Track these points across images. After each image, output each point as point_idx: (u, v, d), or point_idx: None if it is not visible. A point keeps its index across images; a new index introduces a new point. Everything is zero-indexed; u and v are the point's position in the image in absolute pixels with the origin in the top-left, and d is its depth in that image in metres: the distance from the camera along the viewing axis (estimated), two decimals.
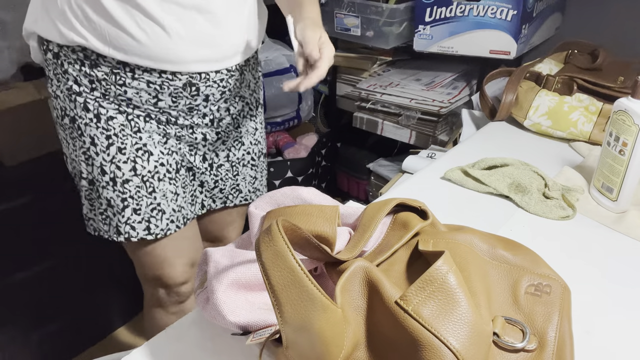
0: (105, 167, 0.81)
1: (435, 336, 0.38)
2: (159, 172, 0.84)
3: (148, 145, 0.82)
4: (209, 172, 0.94)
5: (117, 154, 0.80)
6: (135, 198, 0.83)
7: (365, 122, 1.55)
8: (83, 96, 0.78)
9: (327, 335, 0.38)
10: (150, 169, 0.83)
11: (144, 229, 0.85)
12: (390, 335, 0.41)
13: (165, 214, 0.87)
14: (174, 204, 0.88)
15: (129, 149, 0.81)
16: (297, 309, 0.37)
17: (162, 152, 0.84)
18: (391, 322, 0.40)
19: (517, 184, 0.77)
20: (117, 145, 0.80)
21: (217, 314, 0.48)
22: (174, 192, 0.87)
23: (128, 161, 0.81)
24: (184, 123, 0.85)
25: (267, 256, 0.38)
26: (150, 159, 0.83)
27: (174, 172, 0.87)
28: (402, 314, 0.39)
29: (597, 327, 0.54)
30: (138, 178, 0.83)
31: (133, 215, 0.84)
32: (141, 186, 0.83)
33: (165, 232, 0.87)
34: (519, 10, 1.16)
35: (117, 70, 0.77)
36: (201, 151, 0.92)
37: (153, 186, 0.84)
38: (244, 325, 0.47)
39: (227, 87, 0.86)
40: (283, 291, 0.38)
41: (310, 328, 0.37)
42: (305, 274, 0.37)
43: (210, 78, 0.82)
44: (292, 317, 0.38)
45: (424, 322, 0.39)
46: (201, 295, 0.53)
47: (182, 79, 0.79)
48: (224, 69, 0.84)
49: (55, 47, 0.78)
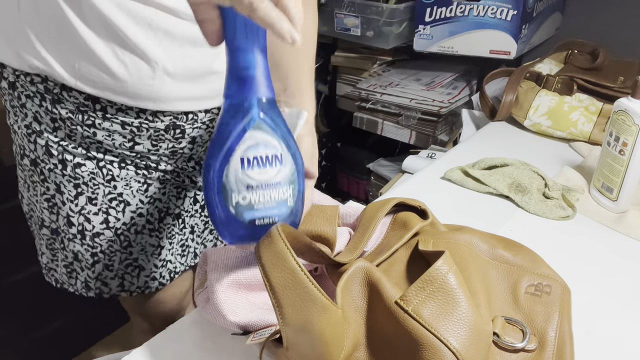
0: (73, 218, 0.69)
1: (436, 336, 0.38)
2: (136, 225, 0.72)
3: (124, 195, 0.70)
4: (199, 214, 0.81)
5: (87, 205, 0.68)
6: (107, 253, 0.71)
7: (365, 122, 1.55)
8: (44, 137, 0.65)
9: (327, 336, 0.38)
10: (125, 220, 0.71)
11: (118, 285, 0.74)
12: (390, 336, 0.41)
13: (144, 270, 0.75)
14: (156, 259, 0.76)
15: (100, 199, 0.68)
16: (298, 310, 0.37)
17: (141, 200, 0.71)
18: (391, 322, 0.40)
19: (517, 184, 0.77)
20: (86, 194, 0.68)
21: (218, 314, 0.48)
22: (156, 245, 0.75)
23: (99, 212, 0.69)
24: (166, 168, 0.72)
25: (267, 258, 0.38)
26: (126, 209, 0.70)
27: (157, 222, 0.74)
28: (402, 314, 0.39)
29: (597, 327, 0.54)
30: (111, 231, 0.70)
31: (105, 271, 0.72)
32: (114, 240, 0.71)
33: (142, 290, 0.76)
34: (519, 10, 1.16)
35: (85, 109, 0.63)
36: (191, 192, 0.78)
37: (129, 240, 0.72)
38: (244, 325, 0.47)
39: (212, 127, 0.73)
40: (284, 292, 0.38)
41: (310, 329, 0.37)
42: (305, 275, 0.37)
43: (199, 119, 0.69)
44: (293, 318, 0.38)
45: (424, 322, 0.39)
46: (201, 295, 0.53)
47: (165, 120, 0.66)
48: (215, 107, 0.70)
49: (11, 75, 0.64)
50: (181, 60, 0.61)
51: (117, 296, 0.76)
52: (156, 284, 0.77)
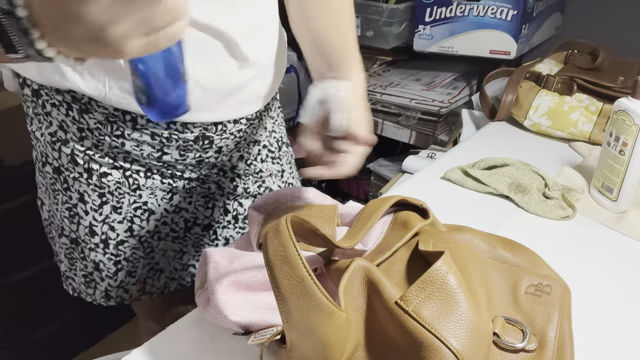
0: (96, 227, 0.68)
1: (436, 337, 0.38)
2: (160, 232, 0.72)
3: (149, 204, 0.69)
4: (233, 226, 0.78)
5: (112, 213, 0.67)
6: (130, 260, 0.71)
7: None
8: (70, 146, 0.64)
9: (331, 339, 0.38)
10: (149, 229, 0.70)
11: (138, 290, 0.74)
12: (390, 336, 0.41)
13: (165, 272, 0.75)
14: (177, 263, 0.76)
15: (125, 208, 0.68)
16: (304, 315, 0.37)
17: (166, 210, 0.71)
18: (391, 323, 0.40)
19: (517, 184, 0.77)
20: (111, 204, 0.67)
21: (219, 314, 0.48)
22: (178, 250, 0.75)
23: (124, 221, 0.68)
24: (191, 176, 0.71)
25: (276, 262, 0.38)
26: (150, 218, 0.70)
27: (182, 231, 0.74)
28: (402, 314, 0.39)
29: (597, 327, 0.54)
30: (135, 239, 0.70)
31: (127, 277, 0.72)
32: (138, 247, 0.71)
33: (162, 291, 0.76)
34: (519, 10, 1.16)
35: (114, 119, 0.61)
36: (220, 202, 0.76)
37: (152, 246, 0.72)
38: (246, 324, 0.47)
39: (243, 136, 0.72)
40: (292, 298, 0.38)
41: (315, 333, 0.37)
42: (315, 283, 0.37)
43: (227, 129, 0.68)
44: (299, 322, 0.38)
45: (424, 322, 0.39)
46: (202, 296, 0.53)
47: (195, 132, 0.65)
48: (244, 117, 0.69)
49: (34, 83, 0.62)
50: (215, 71, 0.60)
51: (137, 300, 0.75)
52: (175, 284, 0.76)
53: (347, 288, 0.41)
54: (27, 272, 1.33)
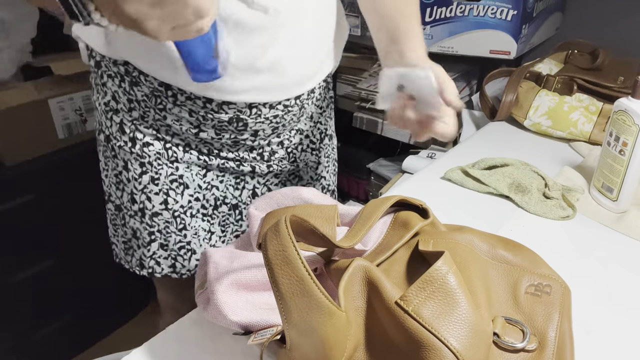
0: (136, 195, 0.73)
1: (436, 337, 0.38)
2: (192, 208, 0.75)
3: (184, 178, 0.73)
4: None
5: (150, 184, 0.72)
6: (163, 233, 0.75)
7: (365, 122, 1.55)
8: (120, 115, 0.70)
9: (331, 339, 0.38)
10: (183, 203, 0.74)
11: (170, 266, 0.77)
12: (390, 336, 0.41)
13: (196, 254, 0.78)
14: (207, 244, 0.79)
15: (162, 180, 0.72)
16: (304, 315, 0.37)
17: (199, 185, 0.75)
18: (391, 323, 0.40)
19: (517, 184, 0.77)
20: (150, 174, 0.72)
21: (219, 314, 0.48)
22: (207, 229, 0.78)
23: (160, 193, 0.73)
24: (228, 156, 0.75)
25: (275, 262, 0.38)
26: (184, 192, 0.74)
27: (211, 208, 0.77)
28: (402, 314, 0.39)
29: (597, 328, 0.54)
30: (169, 212, 0.74)
31: (159, 250, 0.76)
32: (171, 221, 0.75)
33: (192, 273, 0.79)
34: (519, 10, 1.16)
35: (159, 93, 0.67)
36: (250, 184, 0.79)
37: (184, 223, 0.75)
38: (246, 324, 0.47)
39: (281, 122, 0.73)
40: (292, 298, 0.37)
41: (315, 333, 0.37)
42: (314, 283, 0.37)
43: (262, 114, 0.70)
44: (299, 322, 0.38)
45: (424, 322, 0.39)
46: (202, 296, 0.53)
47: (229, 113, 0.68)
48: (281, 104, 0.70)
49: (98, 55, 0.70)
50: (247, 51, 0.62)
51: (168, 276, 0.78)
52: None
53: (347, 288, 0.41)
54: (27, 272, 1.33)
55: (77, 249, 1.40)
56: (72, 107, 1.31)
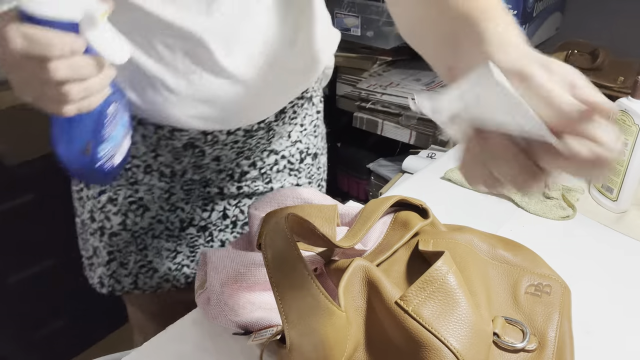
0: (95, 214, 0.70)
1: (436, 336, 0.38)
2: (154, 229, 0.71)
3: (145, 200, 0.69)
4: (230, 230, 0.76)
5: (108, 204, 0.68)
6: (123, 252, 0.71)
7: (366, 122, 1.55)
8: None
9: (331, 340, 0.38)
10: (143, 225, 0.70)
11: (131, 283, 0.74)
12: (390, 336, 0.41)
13: (158, 272, 0.73)
14: (171, 262, 0.74)
15: (120, 201, 0.68)
16: (304, 315, 0.37)
17: (162, 207, 0.70)
18: (391, 323, 0.40)
19: None
20: (108, 194, 0.68)
21: (219, 314, 0.48)
22: (172, 249, 0.73)
23: (119, 214, 0.69)
24: (193, 177, 0.69)
25: (276, 262, 0.38)
26: (145, 214, 0.70)
27: (177, 230, 0.72)
28: (402, 314, 0.39)
29: (597, 327, 0.54)
30: (128, 233, 0.70)
31: (119, 269, 0.73)
32: (131, 241, 0.71)
33: (154, 289, 0.75)
34: (519, 10, 1.16)
35: None
36: (220, 205, 0.74)
37: (145, 243, 0.71)
38: (246, 324, 0.47)
39: (245, 146, 0.68)
40: (291, 298, 0.38)
41: (315, 333, 0.37)
42: (314, 283, 0.37)
43: (220, 141, 0.65)
44: (299, 322, 0.38)
45: (424, 322, 0.39)
46: (202, 296, 0.53)
47: (182, 140, 0.63)
48: (240, 129, 0.64)
49: None
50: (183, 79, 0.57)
51: (129, 293, 0.76)
52: (169, 285, 0.75)
53: (347, 288, 0.41)
54: (27, 272, 1.33)
55: (76, 250, 1.40)
56: None
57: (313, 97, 0.76)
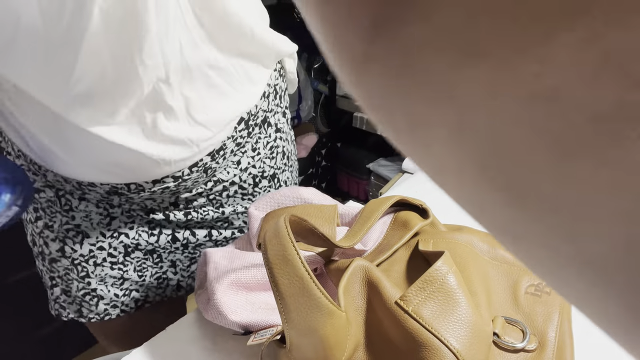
0: (35, 238, 0.68)
1: (436, 336, 0.38)
2: (95, 257, 0.67)
3: (82, 227, 0.65)
4: (181, 251, 0.71)
5: (45, 230, 0.66)
6: (64, 279, 0.69)
7: (366, 122, 1.56)
8: (20, 160, 0.63)
9: (331, 340, 0.38)
10: (83, 252, 0.66)
11: (76, 311, 0.71)
12: (389, 336, 0.41)
13: (104, 299, 0.70)
14: (117, 289, 0.70)
15: (57, 227, 0.65)
16: (304, 315, 0.37)
17: (102, 234, 0.66)
18: (391, 323, 0.40)
19: None
20: (44, 220, 0.65)
21: (219, 314, 0.48)
22: (118, 277, 0.69)
23: (56, 240, 0.66)
24: (133, 207, 0.65)
25: (275, 262, 0.38)
26: (84, 241, 0.66)
27: (121, 255, 0.68)
28: (402, 314, 0.39)
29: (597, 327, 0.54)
30: (67, 260, 0.66)
31: (62, 295, 0.70)
32: (71, 269, 0.67)
33: (102, 317, 0.71)
34: None
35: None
36: (168, 229, 0.69)
37: (87, 271, 0.67)
38: (246, 325, 0.47)
39: (180, 187, 0.62)
40: (291, 298, 0.38)
41: (315, 333, 0.37)
42: (314, 282, 0.37)
43: (146, 189, 0.60)
44: (299, 322, 0.38)
45: (424, 322, 0.39)
46: (201, 296, 0.53)
47: (104, 188, 0.59)
48: (169, 176, 0.59)
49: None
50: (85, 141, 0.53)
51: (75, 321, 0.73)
52: (117, 311, 0.72)
53: (346, 288, 0.41)
54: (27, 272, 1.33)
55: None
56: None
57: (268, 118, 0.69)
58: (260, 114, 0.67)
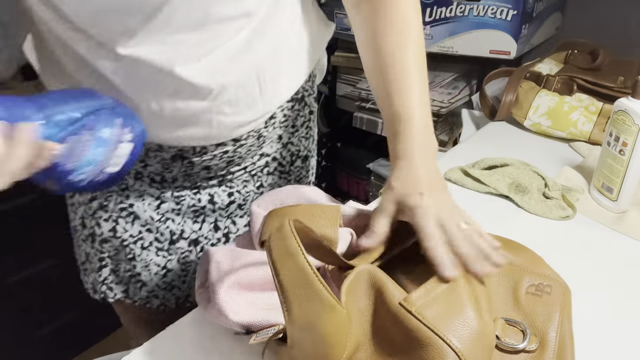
0: (86, 220, 0.70)
1: (438, 335, 0.38)
2: (143, 239, 0.70)
3: (135, 207, 0.68)
4: (222, 244, 0.75)
5: (99, 210, 0.68)
6: (113, 260, 0.71)
7: (365, 122, 1.55)
8: None
9: (331, 336, 0.38)
10: (133, 233, 0.69)
11: (123, 291, 0.73)
12: (393, 337, 0.41)
13: (147, 286, 0.72)
14: (160, 280, 0.73)
15: (111, 207, 0.68)
16: (305, 308, 0.38)
17: (152, 217, 0.69)
18: (395, 323, 0.40)
19: (517, 184, 0.77)
20: (99, 200, 0.68)
21: (220, 314, 0.48)
22: (161, 265, 0.72)
23: (109, 220, 0.69)
24: (184, 184, 0.69)
25: (277, 254, 0.38)
26: (135, 222, 0.69)
27: (167, 242, 0.71)
28: (405, 314, 0.39)
29: (597, 327, 0.54)
30: (117, 240, 0.69)
31: (111, 275, 0.72)
32: (120, 250, 0.70)
33: (144, 302, 0.74)
34: (519, 10, 1.16)
35: None
36: (211, 217, 0.73)
37: (133, 253, 0.70)
38: (247, 324, 0.47)
39: (235, 155, 0.67)
40: (292, 290, 0.38)
41: (315, 328, 0.37)
42: (315, 274, 0.37)
43: (209, 152, 0.64)
44: (300, 316, 0.38)
45: (426, 322, 0.39)
46: (202, 295, 0.53)
47: (170, 152, 0.63)
48: (229, 140, 0.65)
49: None
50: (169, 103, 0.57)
51: (121, 301, 0.74)
52: (158, 302, 0.74)
53: (350, 288, 0.42)
54: (27, 272, 1.33)
55: None
56: None
57: (305, 97, 0.75)
58: (301, 91, 0.73)
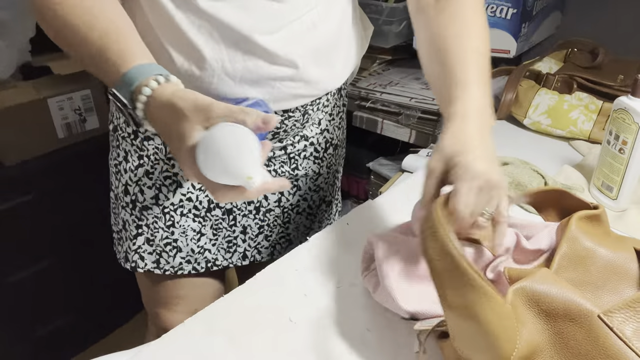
0: (130, 187, 0.75)
1: (637, 354, 0.38)
2: (183, 207, 0.76)
3: (179, 176, 0.74)
4: (253, 216, 0.81)
5: (144, 177, 0.74)
6: (151, 228, 0.76)
7: (365, 121, 1.55)
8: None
9: (494, 326, 0.38)
10: (174, 201, 0.75)
11: (153, 262, 0.78)
12: (582, 349, 0.40)
13: (182, 252, 0.78)
14: (194, 244, 0.79)
15: (156, 175, 0.74)
16: (458, 292, 0.39)
17: (193, 185, 0.75)
18: (587, 336, 0.40)
19: (517, 183, 0.77)
20: (146, 167, 0.73)
21: (390, 300, 0.52)
22: (197, 230, 0.78)
23: (153, 187, 0.74)
24: None
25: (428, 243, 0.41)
26: (177, 190, 0.75)
27: (204, 210, 0.77)
28: (603, 328, 0.39)
29: None
30: (159, 208, 0.75)
31: (145, 244, 0.77)
32: (160, 217, 0.75)
33: (175, 271, 0.79)
34: (519, 9, 1.16)
35: None
36: None
37: (173, 220, 0.76)
38: (414, 313, 0.51)
39: (282, 128, 0.73)
40: (443, 274, 0.40)
41: (474, 316, 0.38)
42: (464, 259, 0.38)
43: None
44: (454, 300, 0.39)
45: (627, 340, 0.38)
46: (368, 278, 0.57)
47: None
48: (280, 110, 0.70)
49: None
50: (241, 63, 0.64)
51: (150, 272, 0.79)
52: (190, 267, 0.79)
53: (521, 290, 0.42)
54: (27, 272, 1.33)
55: (77, 249, 1.40)
56: (71, 107, 1.31)
57: (342, 89, 0.82)
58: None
